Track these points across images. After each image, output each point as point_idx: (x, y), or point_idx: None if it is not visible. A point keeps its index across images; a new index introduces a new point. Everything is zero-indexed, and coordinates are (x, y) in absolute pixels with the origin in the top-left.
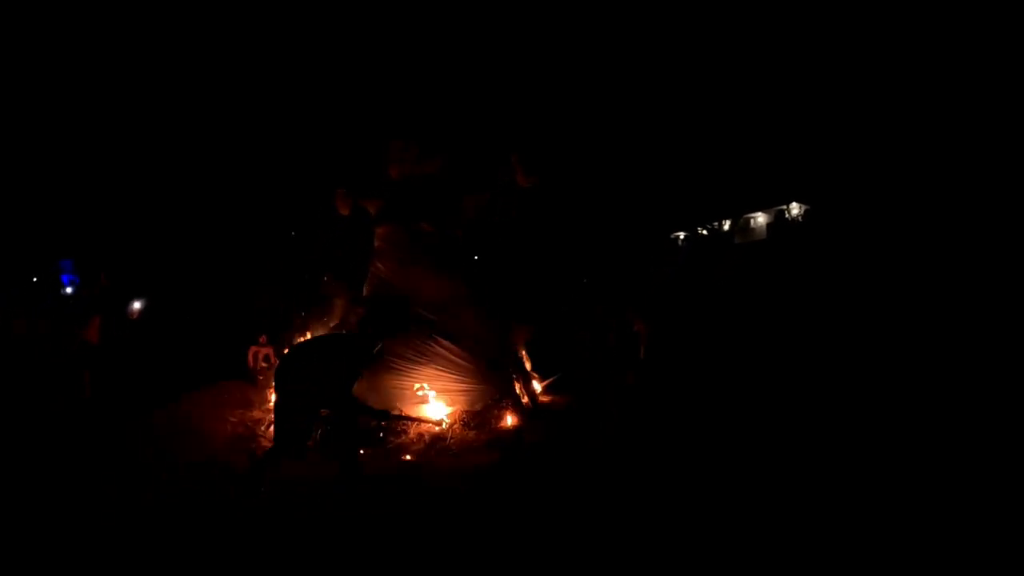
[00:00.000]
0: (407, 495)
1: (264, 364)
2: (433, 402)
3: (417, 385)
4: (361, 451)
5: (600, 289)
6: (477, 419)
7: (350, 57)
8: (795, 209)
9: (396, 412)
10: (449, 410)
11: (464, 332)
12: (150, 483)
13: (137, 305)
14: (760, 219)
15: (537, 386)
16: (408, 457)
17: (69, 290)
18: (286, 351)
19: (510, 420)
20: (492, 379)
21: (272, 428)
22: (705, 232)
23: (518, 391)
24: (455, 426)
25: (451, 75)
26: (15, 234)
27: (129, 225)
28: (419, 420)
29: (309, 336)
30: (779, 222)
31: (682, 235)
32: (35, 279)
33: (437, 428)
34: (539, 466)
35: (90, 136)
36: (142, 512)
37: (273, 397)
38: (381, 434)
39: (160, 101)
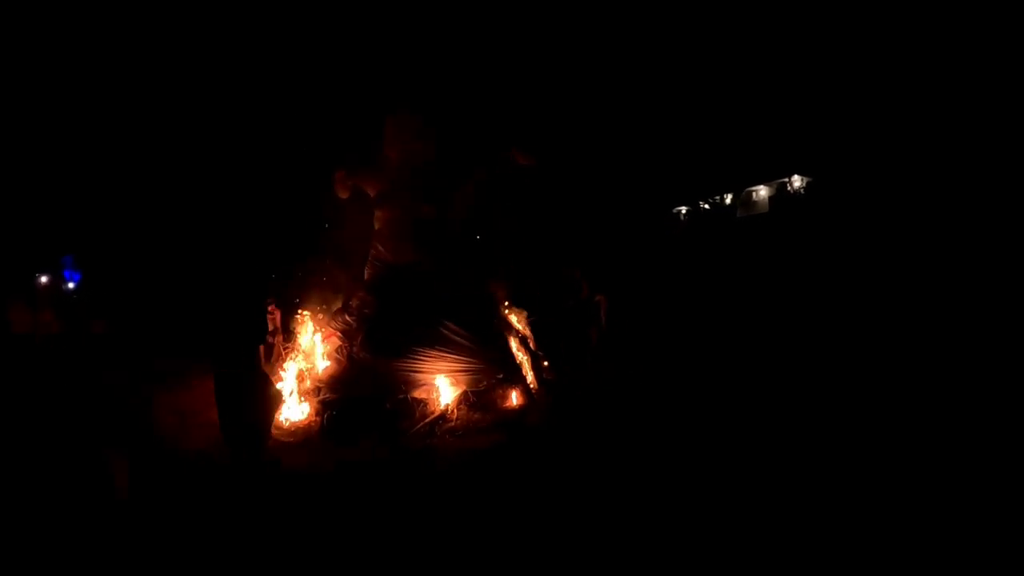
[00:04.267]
0: (411, 479)
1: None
2: (439, 383)
3: (423, 367)
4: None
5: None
6: (482, 400)
7: (346, 35)
8: (797, 181)
9: (401, 395)
10: (455, 391)
11: (468, 312)
12: (151, 473)
13: (44, 279)
14: (762, 192)
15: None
16: (413, 440)
17: (71, 285)
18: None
19: (515, 400)
20: (497, 359)
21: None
22: (707, 206)
23: (524, 370)
24: (460, 408)
25: (450, 53)
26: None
27: (118, 214)
28: (424, 402)
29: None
30: (781, 195)
31: (684, 209)
32: (36, 275)
33: (442, 410)
34: (545, 447)
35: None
36: (143, 503)
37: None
38: (388, 418)
39: (129, 71)
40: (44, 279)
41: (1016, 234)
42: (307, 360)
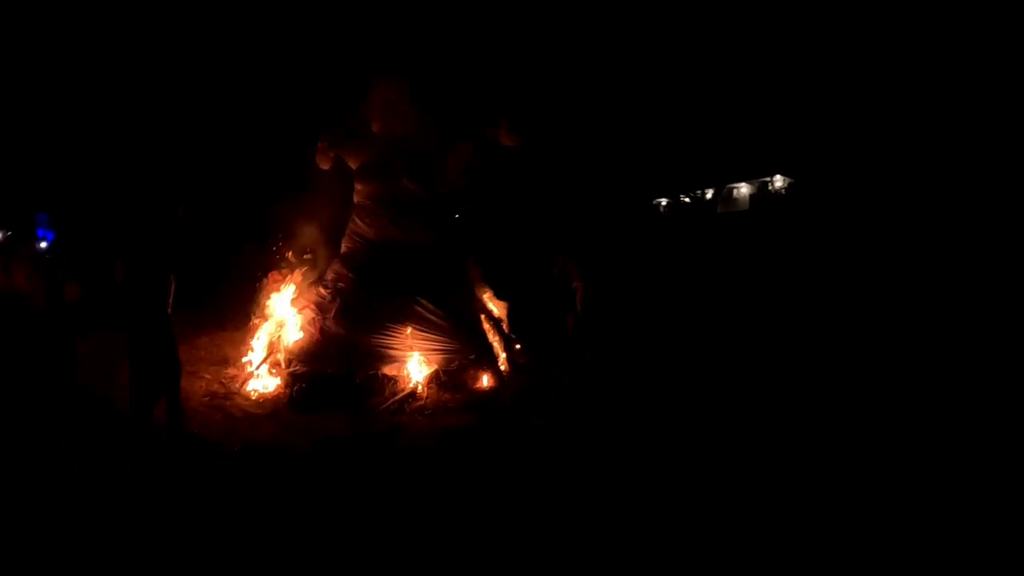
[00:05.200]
0: (379, 457)
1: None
2: (410, 361)
3: (395, 344)
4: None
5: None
6: (453, 380)
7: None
8: (778, 182)
9: (372, 371)
10: (426, 370)
11: (444, 292)
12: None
13: None
14: (743, 190)
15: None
16: (381, 417)
17: (44, 244)
18: None
19: (486, 381)
20: (469, 339)
21: (243, 386)
22: (688, 200)
23: (496, 351)
24: (430, 387)
25: (439, 27)
26: None
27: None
28: (394, 379)
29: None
30: (762, 194)
31: (664, 201)
32: (10, 232)
33: (412, 388)
34: (513, 429)
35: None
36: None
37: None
38: (357, 393)
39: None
40: None
41: (989, 232)
42: (273, 327)
